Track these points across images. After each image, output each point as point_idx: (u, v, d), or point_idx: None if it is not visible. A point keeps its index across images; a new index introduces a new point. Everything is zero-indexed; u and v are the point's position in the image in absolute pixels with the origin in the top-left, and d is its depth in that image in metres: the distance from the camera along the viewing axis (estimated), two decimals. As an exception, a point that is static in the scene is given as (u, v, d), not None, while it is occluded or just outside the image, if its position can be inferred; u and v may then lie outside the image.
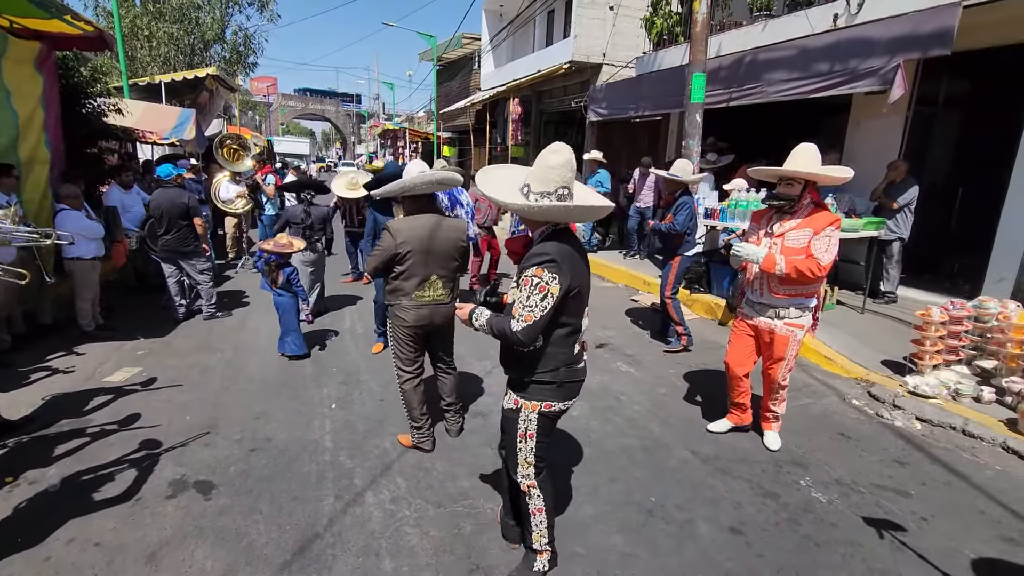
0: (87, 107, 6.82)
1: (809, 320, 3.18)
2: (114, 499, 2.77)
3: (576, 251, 2.04)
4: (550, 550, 2.29)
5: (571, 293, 1.97)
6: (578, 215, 2.11)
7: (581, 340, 2.14)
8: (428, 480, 2.99)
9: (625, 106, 9.38)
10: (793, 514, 2.76)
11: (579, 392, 2.20)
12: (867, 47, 5.14)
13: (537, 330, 1.93)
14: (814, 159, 2.99)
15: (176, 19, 15.47)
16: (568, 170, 1.95)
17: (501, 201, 1.97)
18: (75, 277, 5.00)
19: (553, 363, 2.05)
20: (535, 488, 2.21)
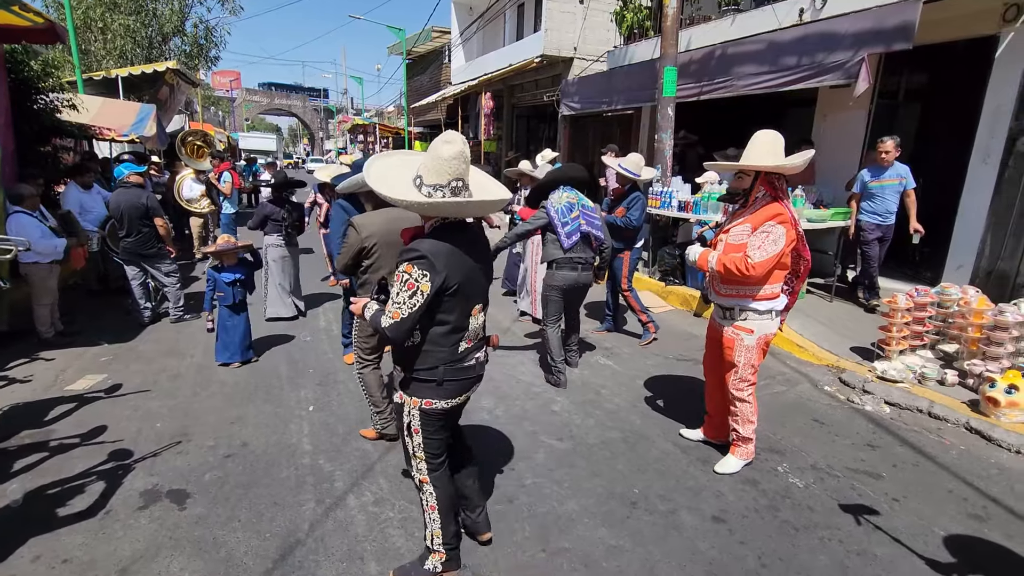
0: (39, 103, 6.52)
1: (764, 326, 2.86)
2: (82, 513, 2.66)
3: (466, 247, 1.97)
4: (444, 552, 2.19)
5: (448, 291, 1.92)
6: (472, 210, 2.05)
7: (470, 338, 2.07)
8: (410, 481, 2.94)
9: (598, 100, 9.42)
10: (772, 500, 2.82)
11: (469, 390, 2.14)
12: (832, 41, 5.26)
13: (405, 327, 1.90)
14: (769, 148, 2.73)
15: (132, 11, 14.87)
16: (462, 162, 1.89)
17: (396, 199, 1.88)
18: (32, 282, 4.78)
19: (431, 361, 2.01)
20: (427, 484, 2.16)
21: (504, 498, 2.81)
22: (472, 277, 1.99)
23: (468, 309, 2.02)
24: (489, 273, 2.17)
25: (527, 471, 3.06)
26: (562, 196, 4.08)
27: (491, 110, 14.83)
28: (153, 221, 5.37)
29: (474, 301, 2.04)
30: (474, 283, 2.02)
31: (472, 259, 1.99)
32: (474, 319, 2.06)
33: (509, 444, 3.34)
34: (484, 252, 2.12)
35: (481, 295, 2.09)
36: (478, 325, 2.09)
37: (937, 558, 2.42)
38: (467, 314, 2.02)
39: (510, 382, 4.27)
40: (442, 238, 1.93)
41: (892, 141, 5.12)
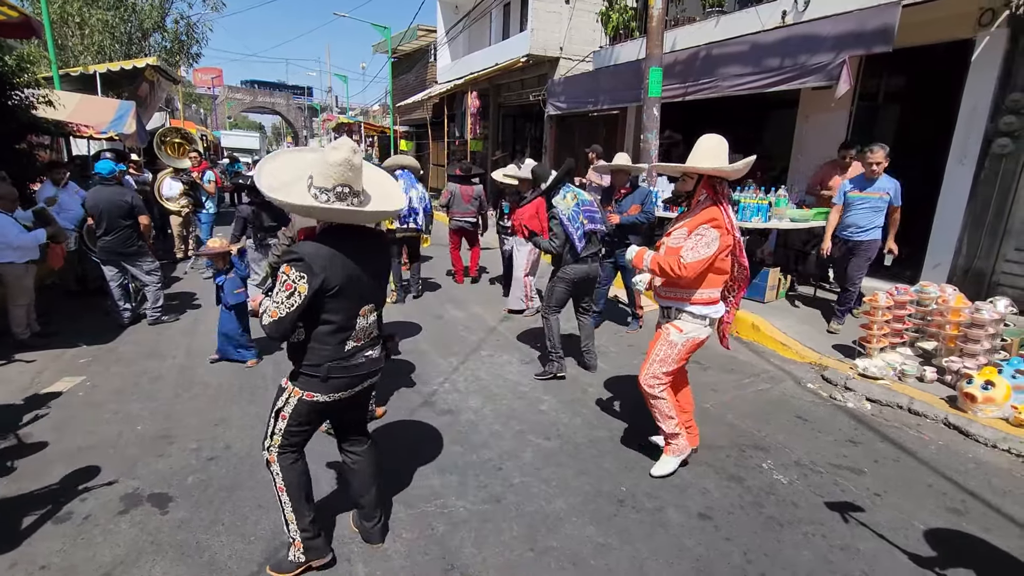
0: (13, 99, 6.35)
1: (695, 329, 2.81)
2: (61, 518, 2.60)
3: (354, 251, 2.04)
4: (300, 542, 2.22)
5: (328, 292, 1.98)
6: (359, 219, 2.10)
7: (359, 337, 2.14)
8: (398, 481, 2.93)
9: (584, 100, 9.46)
10: (757, 497, 2.85)
11: (356, 387, 2.19)
12: (814, 44, 5.34)
13: (283, 326, 1.98)
14: (713, 152, 2.69)
15: (110, 5, 14.56)
16: (347, 169, 1.94)
17: (286, 203, 1.93)
18: (7, 283, 4.66)
19: (317, 358, 2.08)
20: (274, 464, 2.18)
21: (492, 498, 2.81)
22: (358, 280, 2.06)
23: (354, 310, 2.10)
24: (382, 276, 2.25)
25: (515, 470, 3.05)
26: (567, 199, 4.08)
27: (478, 109, 14.79)
28: (136, 219, 5.27)
29: (361, 303, 2.11)
30: (360, 286, 2.08)
31: (360, 263, 2.06)
32: (362, 319, 2.14)
33: (497, 443, 3.33)
34: (376, 256, 2.19)
35: (369, 297, 2.16)
36: (367, 324, 2.17)
37: (919, 552, 2.47)
38: (353, 315, 2.10)
39: (497, 381, 4.26)
40: (327, 241, 2.01)
41: (882, 151, 4.63)
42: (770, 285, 5.71)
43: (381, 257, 2.25)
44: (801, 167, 7.23)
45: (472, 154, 15.81)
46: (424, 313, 6.03)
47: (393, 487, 2.88)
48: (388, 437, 3.38)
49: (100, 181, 5.27)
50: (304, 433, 2.22)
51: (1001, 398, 3.51)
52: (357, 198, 2.02)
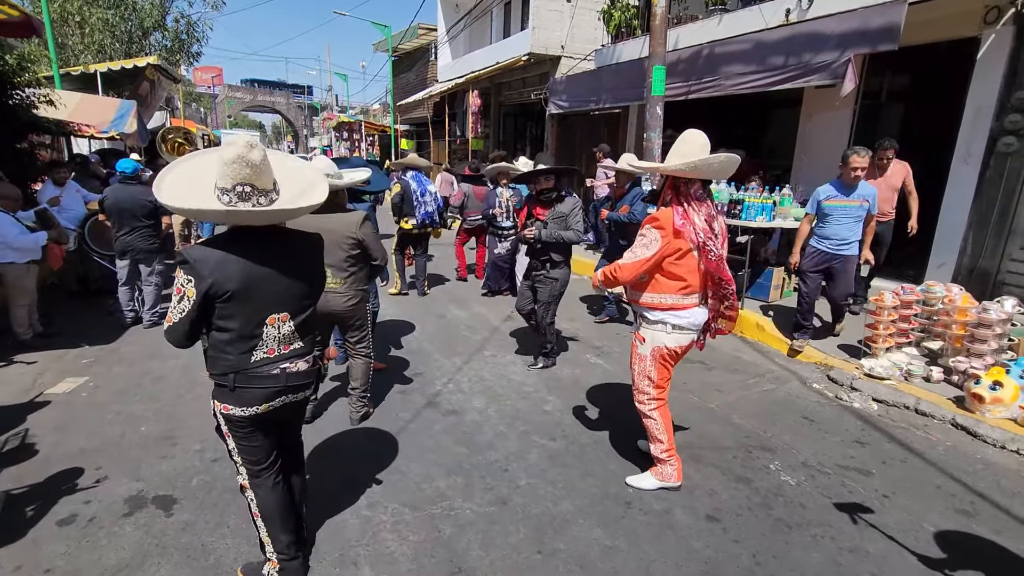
0: (14, 98, 6.33)
1: (656, 337, 2.70)
2: (64, 520, 2.58)
3: (260, 253, 1.91)
4: (277, 562, 2.17)
5: (219, 297, 1.85)
6: (270, 218, 1.93)
7: (271, 347, 1.99)
8: (403, 483, 2.92)
9: (586, 99, 9.43)
10: (765, 498, 2.83)
11: (272, 400, 2.01)
12: (819, 42, 5.31)
13: (179, 332, 1.87)
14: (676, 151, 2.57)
15: (111, 4, 14.53)
16: (244, 166, 1.79)
17: (187, 210, 1.84)
18: (8, 283, 4.64)
19: (220, 367, 1.96)
20: (248, 490, 2.11)
21: (498, 500, 2.79)
22: (260, 285, 1.91)
23: (259, 318, 1.94)
24: (304, 281, 2.05)
25: (520, 472, 3.04)
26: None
27: (479, 108, 14.76)
28: (159, 218, 5.30)
29: (268, 310, 1.96)
30: (264, 291, 1.93)
31: (268, 266, 1.92)
32: (272, 328, 1.97)
33: (502, 444, 3.32)
34: (296, 260, 2.02)
35: (281, 304, 1.98)
36: (279, 334, 2.00)
37: (928, 554, 2.45)
38: (257, 323, 1.94)
39: (501, 382, 4.24)
40: (224, 244, 1.88)
41: (868, 155, 4.30)
42: (774, 284, 5.69)
43: (307, 262, 2.08)
44: (804, 166, 7.21)
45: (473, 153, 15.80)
46: (426, 312, 6.02)
47: (399, 489, 2.86)
48: (393, 437, 3.37)
49: (123, 180, 5.23)
50: (256, 448, 2.07)
51: (1009, 398, 3.49)
52: (265, 196, 1.86)
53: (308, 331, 2.11)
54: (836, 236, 4.41)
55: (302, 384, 2.10)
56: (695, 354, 4.83)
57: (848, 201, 4.38)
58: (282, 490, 2.16)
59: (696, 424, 3.60)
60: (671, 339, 2.68)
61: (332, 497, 2.78)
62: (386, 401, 3.86)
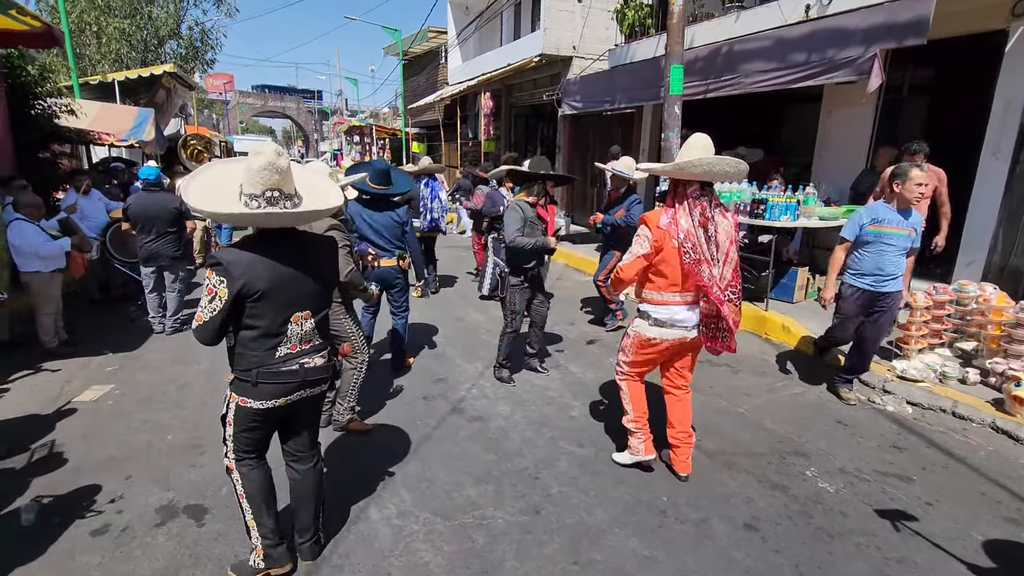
0: (36, 108, 6.41)
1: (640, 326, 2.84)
2: (98, 531, 2.58)
3: (285, 255, 2.03)
4: (261, 548, 2.23)
5: (250, 297, 1.97)
6: (297, 220, 2.08)
7: (293, 343, 2.11)
8: (433, 491, 2.89)
9: (600, 99, 9.37)
10: (804, 506, 2.76)
11: (291, 394, 2.13)
12: (843, 37, 5.21)
13: (209, 330, 1.98)
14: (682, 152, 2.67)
15: (127, 14, 14.72)
16: (274, 172, 1.92)
17: (217, 214, 1.98)
18: (33, 291, 4.69)
19: (246, 363, 2.07)
20: (233, 471, 2.22)
21: (530, 508, 2.75)
22: (287, 285, 2.04)
23: (284, 316, 2.07)
24: (322, 281, 2.18)
25: (551, 479, 2.99)
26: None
27: (491, 110, 14.74)
28: (184, 225, 5.34)
29: (292, 309, 2.08)
30: (289, 291, 2.05)
31: (292, 267, 2.05)
32: (295, 325, 2.10)
33: (531, 451, 3.27)
34: (314, 261, 2.14)
35: (304, 303, 2.11)
36: (302, 331, 2.12)
37: (978, 563, 2.37)
38: (283, 321, 2.07)
39: (525, 387, 4.20)
40: (253, 246, 2.01)
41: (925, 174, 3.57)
42: (798, 285, 5.59)
43: (324, 263, 2.21)
44: (825, 164, 7.09)
45: (485, 154, 15.78)
46: (445, 316, 6.00)
47: (428, 497, 2.83)
48: (420, 445, 3.33)
49: (146, 187, 5.25)
50: (254, 439, 2.20)
51: (1051, 401, 3.38)
52: (290, 201, 1.99)
53: (325, 327, 2.25)
54: (881, 270, 3.62)
55: (319, 379, 2.21)
56: (721, 357, 4.75)
57: (899, 229, 3.57)
58: (265, 473, 2.27)
59: (727, 430, 3.53)
60: (652, 331, 2.81)
61: (361, 506, 2.75)
62: (410, 408, 3.83)
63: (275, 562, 2.25)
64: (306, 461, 2.37)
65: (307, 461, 2.37)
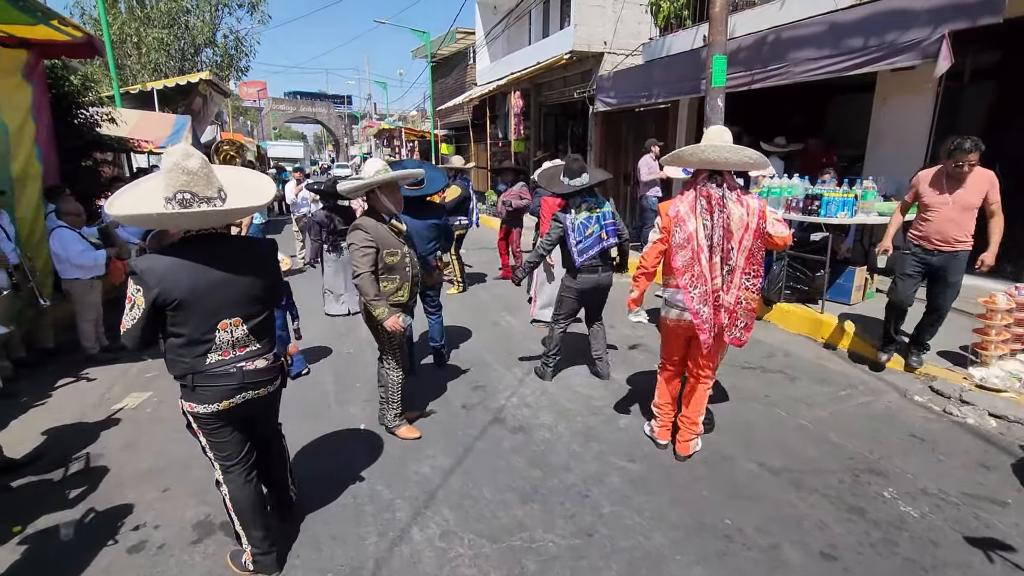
0: (79, 117, 6.52)
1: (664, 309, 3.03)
2: (135, 547, 2.50)
3: (209, 259, 1.99)
4: (250, 554, 2.28)
5: (168, 305, 1.94)
6: (210, 221, 2.00)
7: (225, 349, 2.07)
8: (477, 510, 2.72)
9: (635, 94, 9.09)
10: (887, 533, 2.50)
11: (232, 398, 2.09)
12: (906, 19, 4.84)
13: (132, 337, 1.98)
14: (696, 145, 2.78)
15: (165, 24, 15.09)
16: (181, 173, 1.88)
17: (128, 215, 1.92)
18: (74, 298, 4.73)
19: (178, 369, 2.05)
20: (222, 484, 2.23)
21: (582, 531, 2.56)
22: (210, 292, 1.99)
23: (209, 323, 2.02)
24: (254, 286, 2.11)
25: (602, 498, 2.79)
26: (580, 212, 3.83)
27: (521, 109, 14.58)
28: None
29: (219, 316, 2.03)
30: (213, 298, 2.00)
31: (218, 272, 2.00)
32: (224, 332, 2.05)
33: (578, 466, 3.08)
34: (244, 265, 2.08)
35: (231, 310, 2.06)
36: (232, 337, 2.08)
37: (1100, 606, 2.08)
38: (209, 328, 2.02)
39: (567, 395, 4.01)
40: (173, 251, 1.98)
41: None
42: (856, 286, 5.24)
43: (255, 267, 2.13)
44: (879, 156, 6.68)
45: (515, 154, 15.63)
46: (480, 319, 5.84)
47: (472, 516, 2.67)
48: (460, 457, 3.18)
49: None
50: (224, 445, 2.18)
51: None
52: (207, 203, 1.92)
53: (265, 332, 2.19)
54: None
55: (262, 380, 2.17)
56: (775, 363, 4.50)
57: None
58: (253, 487, 2.28)
59: (790, 444, 3.27)
60: (669, 312, 2.96)
61: (403, 525, 2.61)
62: (450, 417, 3.68)
63: (265, 569, 2.29)
64: (271, 450, 2.48)
65: (272, 450, 2.48)
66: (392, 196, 3.05)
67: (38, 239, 5.20)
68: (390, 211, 3.06)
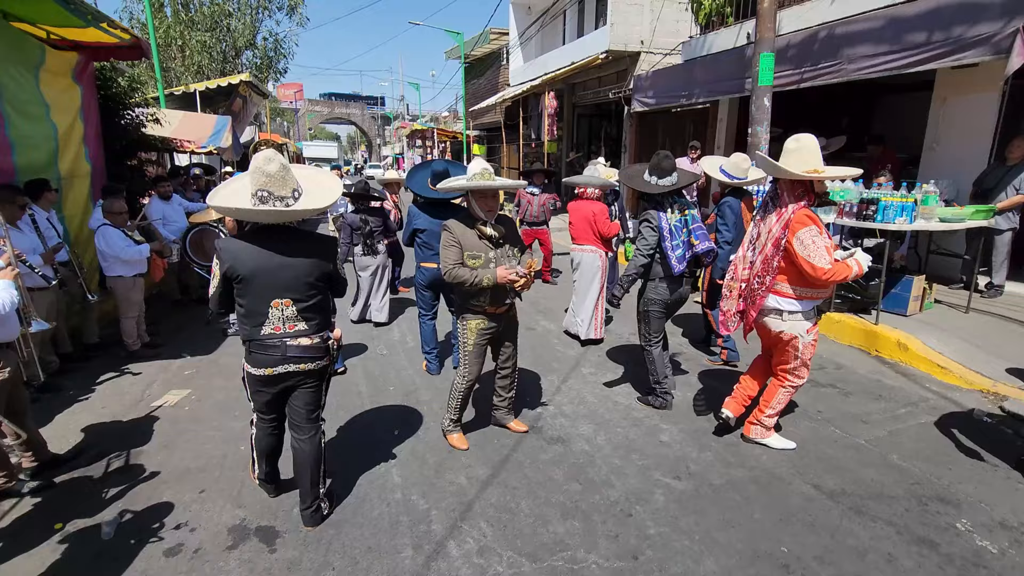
0: (126, 118, 6.69)
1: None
2: (171, 551, 2.48)
3: (272, 246, 2.33)
4: (257, 480, 2.81)
5: (235, 280, 2.32)
6: (275, 218, 2.32)
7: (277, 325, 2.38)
8: (516, 525, 2.62)
9: (675, 94, 8.87)
10: (963, 570, 2.29)
11: (277, 366, 2.40)
12: (974, 12, 4.54)
13: (213, 301, 2.42)
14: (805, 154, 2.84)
15: (208, 27, 15.49)
16: (261, 175, 2.22)
17: (215, 206, 2.34)
18: (118, 295, 4.81)
19: (242, 335, 2.44)
20: (253, 424, 2.69)
21: (627, 552, 2.42)
22: (268, 273, 2.32)
23: (265, 299, 2.35)
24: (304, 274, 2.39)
25: (648, 518, 2.65)
26: (673, 213, 3.54)
27: (555, 110, 14.44)
28: None
29: (272, 295, 2.35)
30: (269, 279, 2.33)
31: (278, 258, 2.33)
32: (276, 310, 2.37)
33: (620, 482, 2.94)
34: (299, 255, 2.38)
35: (283, 291, 2.36)
36: (284, 316, 2.38)
37: None
38: (264, 303, 2.35)
39: (606, 404, 3.87)
40: (245, 237, 2.36)
41: None
42: (913, 296, 4.94)
43: (308, 258, 2.40)
44: (938, 158, 6.32)
45: (547, 156, 15.51)
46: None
47: (510, 532, 2.56)
48: (497, 467, 3.08)
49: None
50: (261, 401, 2.55)
51: None
52: (281, 201, 2.26)
53: (315, 315, 2.46)
54: None
55: (303, 357, 2.44)
56: (826, 376, 4.28)
57: None
58: (272, 439, 2.69)
59: (847, 465, 3.06)
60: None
61: (440, 539, 2.52)
62: (487, 425, 3.59)
63: (267, 491, 2.84)
64: (304, 432, 2.59)
65: (305, 432, 2.60)
66: (482, 202, 3.01)
67: (86, 236, 5.33)
68: (477, 215, 3.03)
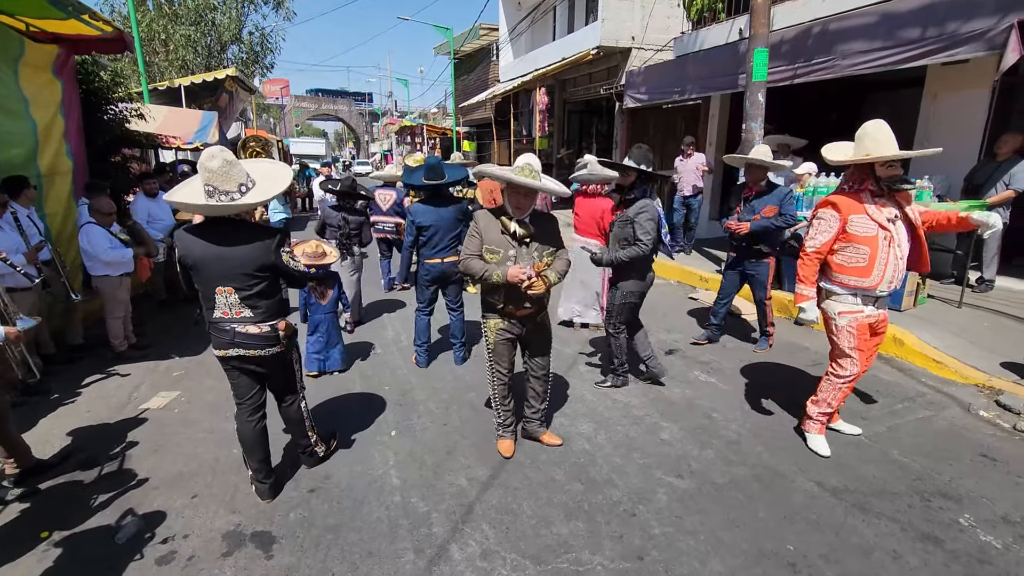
0: (108, 113, 6.51)
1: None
2: (164, 559, 2.40)
3: (216, 237, 2.46)
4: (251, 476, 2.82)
5: (187, 267, 2.53)
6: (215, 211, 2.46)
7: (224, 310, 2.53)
8: (519, 527, 2.57)
9: (667, 90, 8.85)
10: (968, 567, 2.28)
11: (226, 348, 2.57)
12: (969, 8, 4.56)
13: (182, 283, 2.70)
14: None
15: (192, 21, 15.21)
16: (204, 171, 2.37)
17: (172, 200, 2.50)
18: (103, 295, 4.68)
19: (206, 316, 2.59)
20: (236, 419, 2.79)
21: (632, 553, 2.39)
22: (210, 262, 2.47)
23: (211, 286, 2.51)
24: (241, 264, 2.48)
25: (651, 517, 2.62)
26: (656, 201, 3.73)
27: (546, 106, 14.38)
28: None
29: (216, 282, 2.50)
30: (212, 267, 2.48)
31: (217, 248, 2.46)
32: (221, 297, 2.52)
33: (622, 481, 2.91)
34: (238, 247, 2.48)
35: (223, 279, 2.49)
36: (228, 302, 2.53)
37: None
38: (210, 289, 2.52)
39: (605, 402, 3.84)
40: (195, 229, 2.51)
41: None
42: (907, 291, 4.96)
43: (247, 250, 2.48)
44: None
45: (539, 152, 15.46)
46: (509, 322, 5.68)
47: (513, 534, 2.52)
48: (497, 468, 3.03)
49: None
50: (236, 386, 2.71)
51: None
52: (227, 196, 2.40)
53: (259, 304, 2.56)
54: None
55: (251, 344, 2.58)
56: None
57: None
58: (254, 427, 2.75)
59: (847, 461, 3.05)
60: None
61: (441, 543, 2.47)
62: (484, 425, 3.54)
63: (259, 494, 2.79)
64: (286, 401, 2.90)
65: (287, 401, 2.90)
66: (514, 197, 2.87)
67: (69, 234, 5.19)
68: (506, 209, 2.93)
